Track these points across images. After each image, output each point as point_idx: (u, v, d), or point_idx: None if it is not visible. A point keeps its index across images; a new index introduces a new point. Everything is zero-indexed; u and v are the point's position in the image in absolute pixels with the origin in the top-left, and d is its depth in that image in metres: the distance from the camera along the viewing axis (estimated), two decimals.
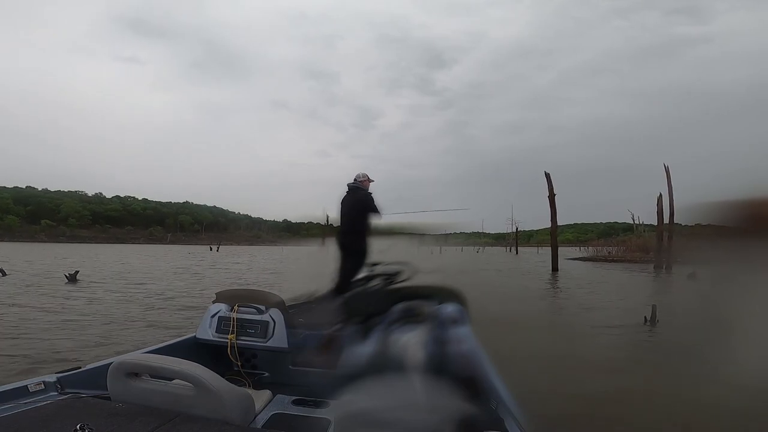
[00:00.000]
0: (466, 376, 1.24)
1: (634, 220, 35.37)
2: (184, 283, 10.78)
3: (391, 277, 2.33)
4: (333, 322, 2.24)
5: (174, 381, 1.14)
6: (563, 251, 22.00)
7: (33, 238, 72.33)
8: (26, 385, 1.31)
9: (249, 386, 2.09)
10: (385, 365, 1.15)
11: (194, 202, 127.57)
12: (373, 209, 4.01)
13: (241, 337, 2.20)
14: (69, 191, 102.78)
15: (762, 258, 1.70)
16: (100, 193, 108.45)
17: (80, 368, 1.54)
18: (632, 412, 2.73)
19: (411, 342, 1.24)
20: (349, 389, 1.03)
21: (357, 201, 4.03)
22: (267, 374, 2.33)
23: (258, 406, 1.61)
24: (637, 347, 4.71)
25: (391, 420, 0.91)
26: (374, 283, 2.37)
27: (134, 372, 1.16)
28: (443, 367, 1.19)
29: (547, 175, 19.12)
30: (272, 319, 2.24)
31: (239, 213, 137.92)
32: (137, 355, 1.34)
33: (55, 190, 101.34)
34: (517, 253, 43.14)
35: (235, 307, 2.26)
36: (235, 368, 2.20)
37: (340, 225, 4.18)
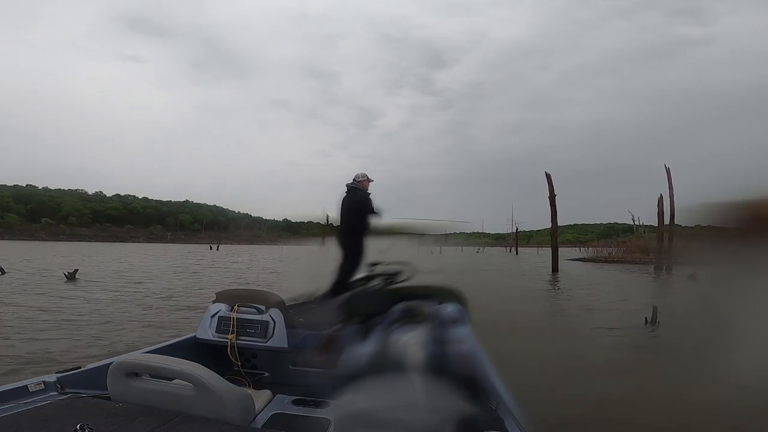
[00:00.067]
0: (466, 376, 1.24)
1: (634, 221, 35.44)
2: (183, 283, 10.77)
3: (391, 277, 2.34)
4: (333, 322, 2.24)
5: (174, 381, 1.14)
6: (563, 252, 21.98)
7: (33, 236, 72.30)
8: (26, 385, 1.31)
9: (249, 386, 2.09)
10: (385, 365, 1.15)
11: (194, 201, 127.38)
12: (370, 210, 4.01)
13: (241, 337, 2.19)
14: (69, 190, 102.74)
15: (762, 259, 1.70)
16: (101, 192, 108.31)
17: (80, 368, 1.54)
18: (633, 413, 2.73)
19: (411, 342, 1.24)
20: (349, 389, 1.03)
21: (354, 202, 4.03)
22: (267, 374, 2.32)
23: (258, 406, 1.61)
24: (637, 348, 4.70)
25: (391, 420, 0.91)
26: (374, 283, 2.37)
27: (134, 372, 1.16)
28: (443, 367, 1.19)
29: (548, 176, 19.10)
30: (272, 319, 2.24)
31: (239, 212, 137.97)
32: (137, 355, 1.34)
33: (56, 188, 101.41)
34: (517, 253, 43.06)
35: (235, 307, 2.26)
36: (235, 368, 2.20)
37: (340, 225, 4.19)
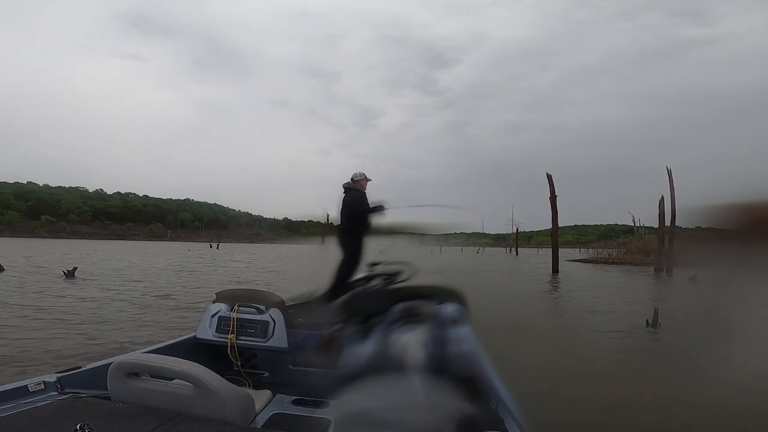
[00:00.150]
0: (466, 376, 1.25)
1: (634, 223, 35.45)
2: (182, 281, 10.78)
3: (391, 277, 2.33)
4: (333, 322, 2.24)
5: (174, 381, 1.14)
6: (563, 253, 21.98)
7: (33, 233, 72.34)
8: (26, 385, 1.31)
9: (249, 386, 2.09)
10: (385, 365, 1.15)
11: (195, 199, 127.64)
12: (364, 210, 3.96)
13: (241, 337, 2.19)
14: (70, 187, 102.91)
15: (762, 262, 1.70)
16: (101, 189, 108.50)
17: (80, 368, 1.54)
18: (633, 414, 2.73)
19: (411, 342, 1.25)
20: (349, 389, 1.03)
21: (351, 203, 4.02)
22: (267, 374, 2.32)
23: (258, 406, 1.61)
24: (639, 351, 4.70)
25: (391, 420, 0.91)
26: (374, 283, 2.37)
27: (134, 372, 1.16)
28: (443, 367, 1.20)
29: (549, 177, 19.08)
30: (272, 319, 2.24)
31: (239, 210, 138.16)
32: (137, 355, 1.34)
33: (56, 185, 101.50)
34: (517, 254, 43.06)
35: (235, 307, 2.26)
36: (235, 368, 2.20)
37: (340, 225, 4.19)
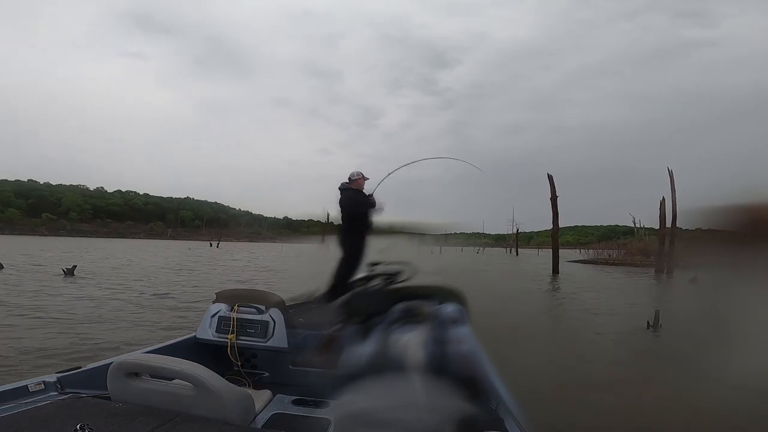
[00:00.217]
0: (466, 376, 1.24)
1: (635, 224, 35.47)
2: (181, 280, 10.80)
3: (391, 277, 2.33)
4: (333, 322, 2.24)
5: (174, 381, 1.14)
6: (563, 253, 21.96)
7: (34, 231, 72.35)
8: (26, 385, 1.31)
9: (249, 386, 2.09)
10: (385, 365, 1.15)
11: (195, 198, 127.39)
12: (360, 209, 3.90)
13: (241, 337, 2.19)
14: (71, 185, 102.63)
15: (762, 263, 1.70)
16: (102, 188, 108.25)
17: (80, 368, 1.54)
18: (634, 415, 2.74)
19: (411, 342, 1.24)
20: (349, 389, 1.03)
21: (346, 204, 4.00)
22: (267, 374, 2.32)
23: (258, 406, 1.61)
24: (640, 352, 4.70)
25: (391, 420, 0.91)
26: (374, 283, 2.37)
27: (134, 372, 1.16)
28: (443, 367, 1.19)
29: (550, 177, 19.07)
30: (272, 319, 2.24)
31: (240, 209, 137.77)
32: (137, 355, 1.34)
33: (57, 183, 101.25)
34: (517, 254, 43.02)
35: (235, 307, 2.26)
36: (235, 368, 2.20)
37: (341, 224, 4.20)
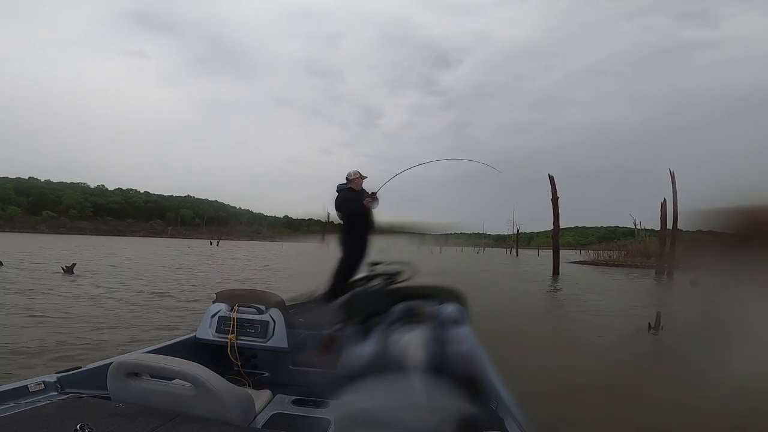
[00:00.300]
0: (466, 376, 1.24)
1: (635, 225, 35.46)
2: (180, 279, 10.79)
3: (391, 277, 2.33)
4: (333, 322, 2.25)
5: (174, 381, 1.14)
6: (563, 254, 21.94)
7: (34, 228, 72.33)
8: (26, 385, 1.31)
9: (249, 386, 2.09)
10: (385, 365, 1.15)
11: (195, 196, 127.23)
12: (352, 209, 3.86)
13: (241, 337, 2.20)
14: (71, 183, 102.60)
15: (762, 266, 1.70)
16: (102, 186, 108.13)
17: (80, 368, 1.54)
18: (634, 415, 2.74)
19: (411, 342, 1.24)
20: (349, 389, 1.03)
21: (342, 204, 3.98)
22: (267, 374, 2.33)
23: (258, 406, 1.61)
24: (642, 354, 4.69)
25: (391, 420, 0.91)
26: (374, 283, 2.37)
27: (134, 372, 1.16)
28: (443, 367, 1.19)
29: (551, 178, 19.02)
30: (272, 319, 2.24)
31: (240, 208, 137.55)
32: (137, 355, 1.34)
33: (58, 181, 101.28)
34: (517, 255, 42.99)
35: (235, 307, 2.26)
36: (235, 368, 2.20)
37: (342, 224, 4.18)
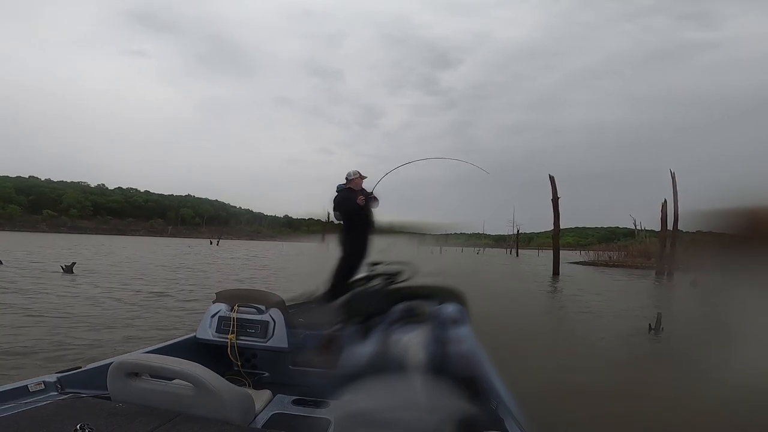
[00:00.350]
0: (466, 376, 1.24)
1: (635, 226, 35.43)
2: (180, 279, 10.79)
3: (391, 277, 2.33)
4: (333, 322, 2.25)
5: (174, 381, 1.14)
6: (563, 255, 21.91)
7: (34, 227, 72.39)
8: (26, 385, 1.31)
9: (249, 386, 2.09)
10: (386, 365, 1.15)
11: (196, 196, 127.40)
12: (349, 208, 3.86)
13: (241, 337, 2.19)
14: (72, 182, 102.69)
15: (762, 266, 1.70)
16: (103, 185, 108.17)
17: (80, 368, 1.54)
18: (634, 416, 2.74)
19: (411, 342, 1.24)
20: (349, 389, 1.03)
21: (340, 205, 3.95)
22: (267, 374, 2.33)
23: (258, 406, 1.61)
24: (642, 354, 4.69)
25: (391, 420, 0.91)
26: (374, 282, 2.37)
27: (134, 372, 1.16)
28: (443, 367, 1.19)
29: (552, 178, 18.99)
30: (272, 319, 2.24)
31: (240, 207, 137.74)
32: (137, 355, 1.34)
33: (58, 180, 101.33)
34: (517, 255, 42.96)
35: (235, 307, 2.26)
36: (235, 368, 2.20)
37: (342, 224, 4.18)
